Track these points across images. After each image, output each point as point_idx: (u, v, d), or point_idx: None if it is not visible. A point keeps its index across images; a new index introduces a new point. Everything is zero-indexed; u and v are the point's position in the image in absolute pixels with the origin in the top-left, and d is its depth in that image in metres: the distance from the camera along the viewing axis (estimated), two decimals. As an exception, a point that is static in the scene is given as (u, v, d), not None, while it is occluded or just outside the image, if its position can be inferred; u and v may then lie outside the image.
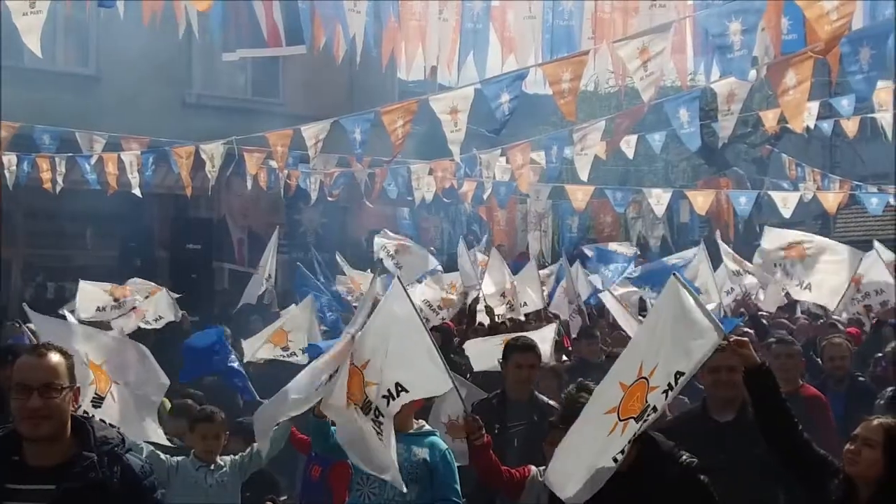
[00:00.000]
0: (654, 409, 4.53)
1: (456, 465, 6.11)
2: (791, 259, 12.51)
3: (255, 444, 6.64)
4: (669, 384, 4.51)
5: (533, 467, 5.90)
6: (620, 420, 4.58)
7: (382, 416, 5.61)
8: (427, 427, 6.23)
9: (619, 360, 4.92)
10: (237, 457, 6.76)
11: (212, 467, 6.64)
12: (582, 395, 4.61)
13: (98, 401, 6.14)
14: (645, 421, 4.50)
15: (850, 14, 6.72)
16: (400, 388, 5.59)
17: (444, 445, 6.15)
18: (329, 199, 18.70)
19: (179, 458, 6.64)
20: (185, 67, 20.32)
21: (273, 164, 15.12)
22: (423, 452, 5.97)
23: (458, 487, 6.07)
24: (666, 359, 4.59)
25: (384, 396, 5.61)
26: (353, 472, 6.05)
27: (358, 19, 10.98)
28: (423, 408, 6.43)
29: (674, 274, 4.99)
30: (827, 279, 12.21)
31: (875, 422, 4.57)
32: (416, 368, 5.66)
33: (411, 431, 6.09)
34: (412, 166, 17.34)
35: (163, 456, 6.59)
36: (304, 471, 7.40)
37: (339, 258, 15.97)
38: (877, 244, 12.93)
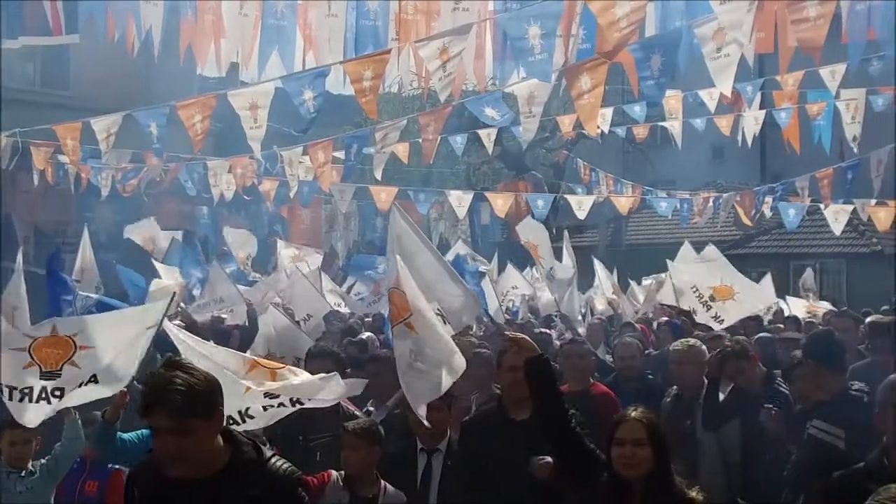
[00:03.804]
0: None
1: None
2: None
3: (56, 446, 6.34)
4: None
5: (333, 472, 5.82)
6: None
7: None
8: None
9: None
10: (45, 461, 6.43)
11: (22, 474, 6.32)
12: (177, 374, 3.71)
13: None
14: None
15: (638, 21, 6.99)
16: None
17: None
18: (124, 195, 18.03)
19: None
20: (-34, 57, 19.17)
21: (62, 158, 14.45)
22: None
23: None
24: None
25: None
26: None
27: (154, 12, 10.63)
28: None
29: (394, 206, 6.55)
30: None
31: (632, 420, 4.65)
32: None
33: None
34: (209, 163, 16.89)
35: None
36: (62, 486, 6.95)
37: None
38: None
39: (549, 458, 5.40)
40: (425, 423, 5.97)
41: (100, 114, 11.79)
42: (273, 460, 3.90)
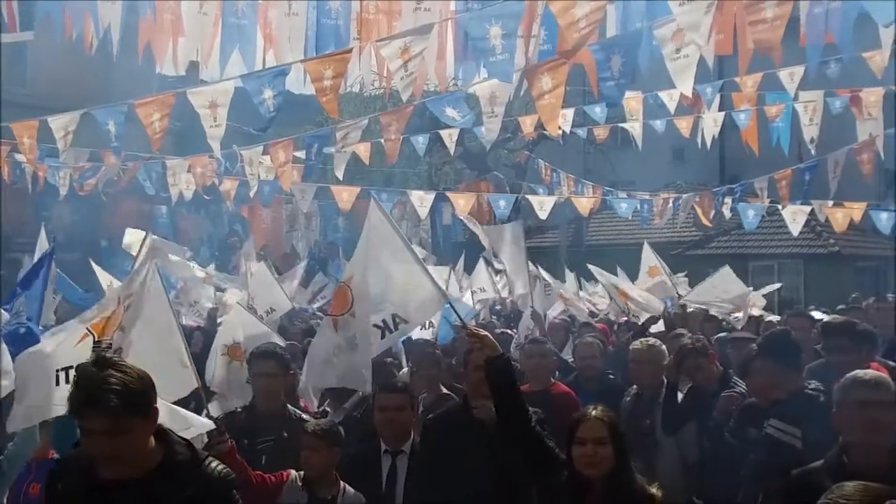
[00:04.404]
0: None
1: None
2: None
3: (9, 445, 6.23)
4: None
5: (292, 471, 5.78)
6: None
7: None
8: None
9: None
10: None
11: None
12: (111, 373, 3.53)
13: None
14: None
15: (597, 22, 7.02)
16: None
17: None
18: (81, 194, 17.82)
19: None
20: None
21: (19, 157, 14.26)
22: None
23: None
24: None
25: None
26: None
27: (112, 10, 10.51)
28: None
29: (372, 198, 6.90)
30: None
31: (593, 419, 4.69)
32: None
33: None
34: (168, 162, 16.71)
35: None
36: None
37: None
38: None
39: (490, 405, 5.42)
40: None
41: (57, 112, 11.64)
42: (208, 461, 3.81)
